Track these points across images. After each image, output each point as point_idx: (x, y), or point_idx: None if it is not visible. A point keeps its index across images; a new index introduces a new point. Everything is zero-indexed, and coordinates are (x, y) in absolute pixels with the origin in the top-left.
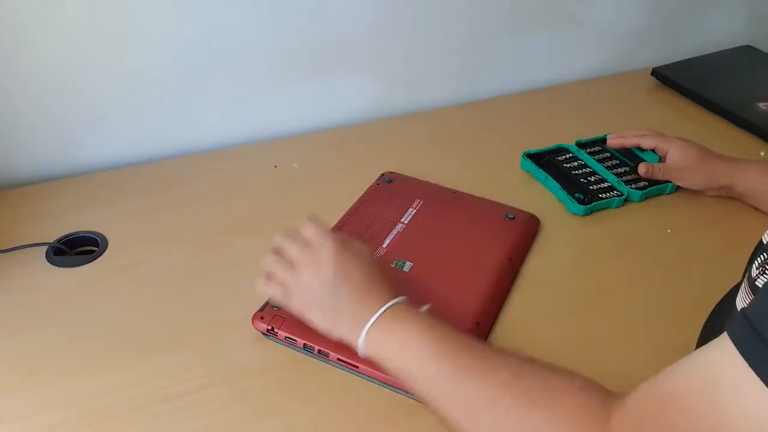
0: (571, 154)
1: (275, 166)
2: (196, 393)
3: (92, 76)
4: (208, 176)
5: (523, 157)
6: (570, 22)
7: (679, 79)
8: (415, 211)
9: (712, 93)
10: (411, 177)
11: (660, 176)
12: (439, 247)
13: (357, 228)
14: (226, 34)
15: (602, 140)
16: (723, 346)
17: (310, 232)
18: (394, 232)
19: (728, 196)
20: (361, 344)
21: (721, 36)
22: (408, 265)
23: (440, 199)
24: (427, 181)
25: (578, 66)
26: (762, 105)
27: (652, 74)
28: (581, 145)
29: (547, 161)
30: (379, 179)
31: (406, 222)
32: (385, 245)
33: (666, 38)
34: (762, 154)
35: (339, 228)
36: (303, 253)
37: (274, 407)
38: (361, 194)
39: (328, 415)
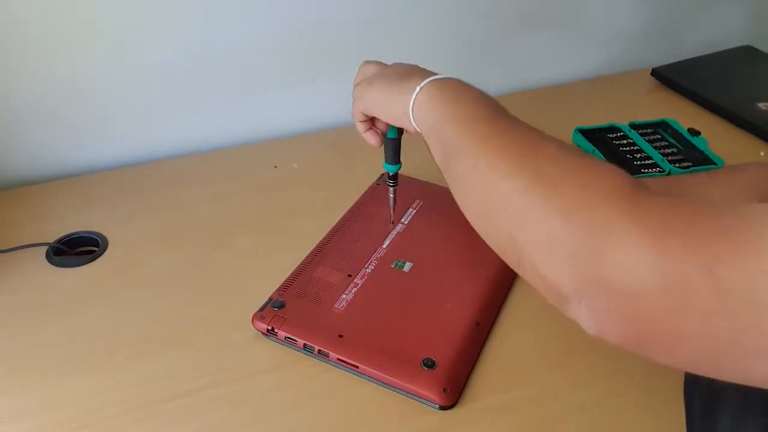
0: (622, 133)
1: (275, 166)
2: (196, 393)
3: (93, 76)
4: (208, 176)
5: (575, 131)
6: (570, 22)
7: (679, 79)
8: (414, 211)
9: (712, 93)
10: (411, 177)
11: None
12: (439, 248)
13: (357, 228)
14: (226, 35)
15: (656, 124)
16: None
17: None
18: (394, 232)
19: None
20: (416, 94)
21: (721, 36)
22: (408, 265)
23: (440, 200)
24: (427, 181)
25: (578, 66)
26: (762, 105)
27: (651, 74)
28: (634, 126)
29: (598, 137)
30: (378, 179)
31: (405, 222)
32: (384, 245)
33: (666, 38)
34: (762, 154)
35: (338, 228)
36: None
37: (274, 407)
38: (360, 194)
39: (328, 415)
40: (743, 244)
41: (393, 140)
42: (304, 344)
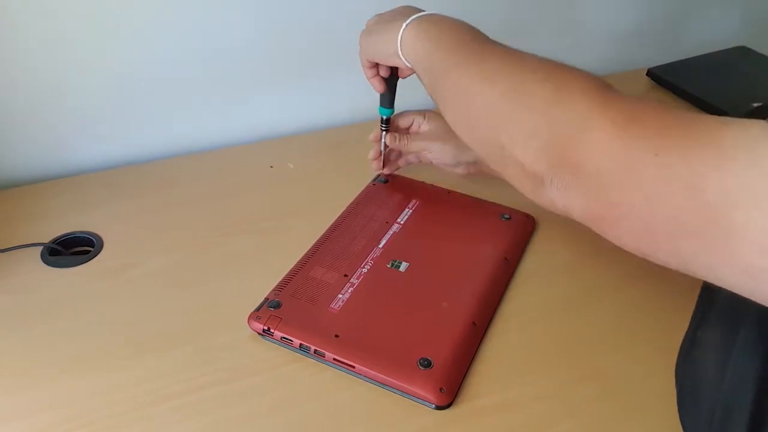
0: None
1: (271, 167)
2: (193, 393)
3: (90, 75)
4: (204, 176)
5: None
6: (564, 22)
7: (674, 80)
8: (411, 211)
9: (706, 93)
10: (407, 177)
11: (407, 148)
12: (435, 248)
13: (353, 228)
14: (224, 34)
15: None
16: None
17: None
18: (390, 232)
19: (478, 173)
20: (401, 32)
21: (716, 36)
22: (404, 265)
23: (436, 200)
24: (423, 182)
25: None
26: (756, 105)
27: (647, 75)
28: None
29: None
30: (375, 179)
31: (402, 222)
32: (381, 245)
33: (661, 39)
34: None
35: (335, 228)
36: None
37: (270, 407)
38: (357, 194)
39: (324, 415)
40: (688, 137)
41: (389, 87)
42: (300, 344)
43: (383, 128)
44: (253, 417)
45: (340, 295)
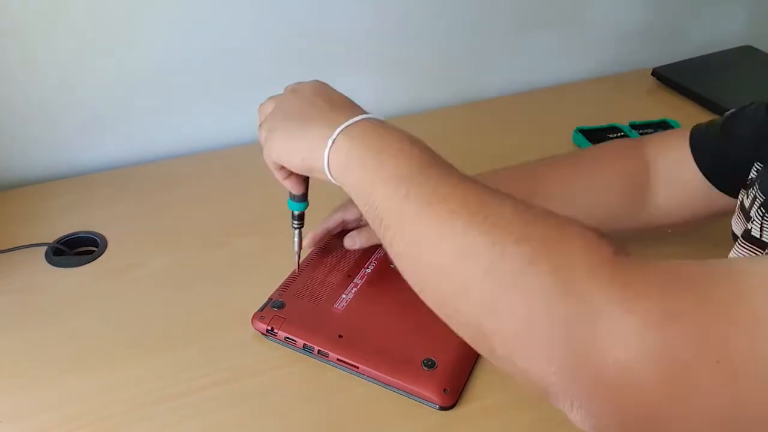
0: (622, 133)
1: None
2: (196, 393)
3: (92, 75)
4: (208, 176)
5: (575, 131)
6: (570, 22)
7: (679, 80)
8: None
9: (712, 93)
10: None
11: (367, 243)
12: None
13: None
14: (225, 34)
15: (657, 123)
16: None
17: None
18: None
19: None
20: (328, 149)
21: (721, 36)
22: None
23: None
24: None
25: (578, 66)
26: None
27: (652, 74)
28: (635, 126)
29: (599, 137)
30: None
31: None
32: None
33: (666, 38)
34: None
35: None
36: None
37: (274, 407)
38: None
39: (328, 415)
40: (745, 321)
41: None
42: (304, 344)
43: (295, 225)
44: (256, 417)
45: (343, 296)
